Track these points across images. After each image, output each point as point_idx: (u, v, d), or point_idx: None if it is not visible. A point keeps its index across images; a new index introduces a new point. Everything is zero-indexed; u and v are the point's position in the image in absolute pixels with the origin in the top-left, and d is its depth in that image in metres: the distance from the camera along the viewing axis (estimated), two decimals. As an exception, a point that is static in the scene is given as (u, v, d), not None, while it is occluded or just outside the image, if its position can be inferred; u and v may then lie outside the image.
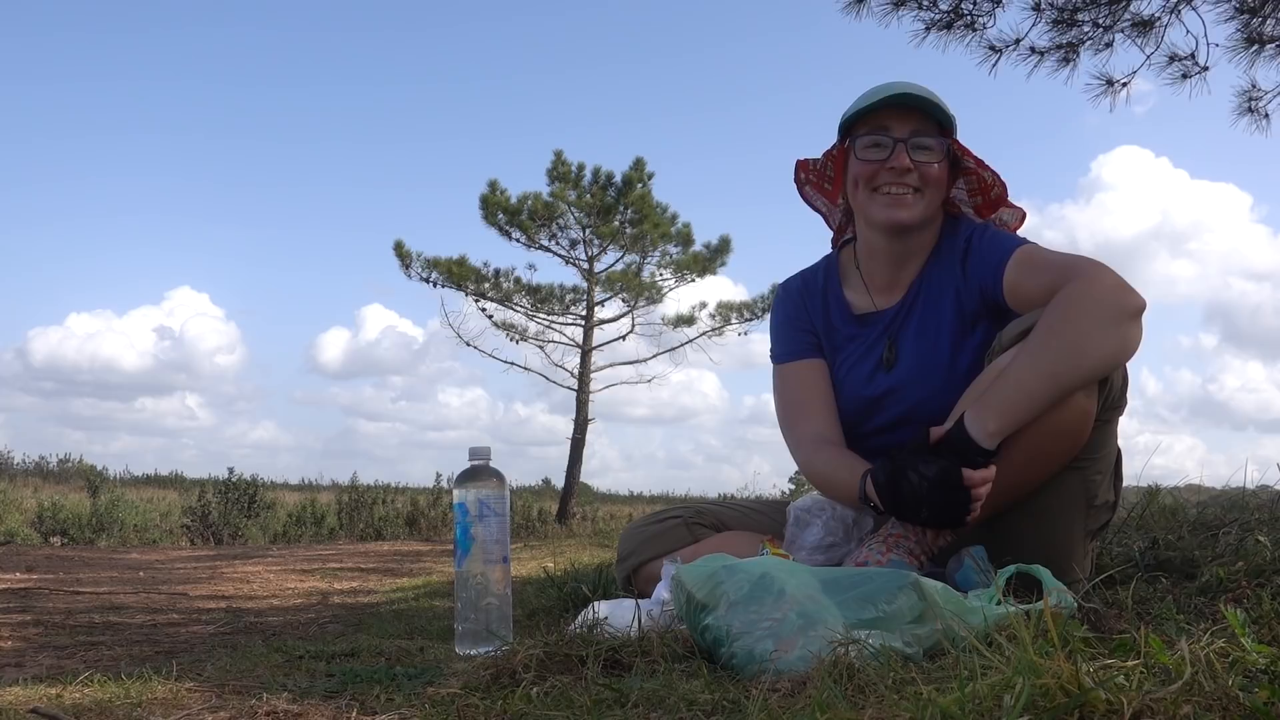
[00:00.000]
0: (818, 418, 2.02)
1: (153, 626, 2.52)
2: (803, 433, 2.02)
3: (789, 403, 2.08)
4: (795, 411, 2.06)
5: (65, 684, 1.49)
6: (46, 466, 22.73)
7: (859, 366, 2.03)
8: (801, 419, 2.04)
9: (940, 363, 1.95)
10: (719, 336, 15.35)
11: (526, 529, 11.88)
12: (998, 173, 1.98)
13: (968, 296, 1.94)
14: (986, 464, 1.66)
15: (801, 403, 2.06)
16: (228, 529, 11.26)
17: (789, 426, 2.06)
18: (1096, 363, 1.68)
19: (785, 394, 2.09)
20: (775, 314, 2.16)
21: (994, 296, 1.89)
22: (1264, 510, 2.74)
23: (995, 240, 1.94)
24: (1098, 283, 1.69)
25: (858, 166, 1.96)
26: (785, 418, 2.07)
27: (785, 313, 2.14)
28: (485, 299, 15.18)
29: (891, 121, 1.93)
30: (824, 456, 1.95)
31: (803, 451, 2.01)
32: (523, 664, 1.33)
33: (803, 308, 2.12)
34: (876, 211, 1.95)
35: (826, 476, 1.93)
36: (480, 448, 1.79)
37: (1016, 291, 1.85)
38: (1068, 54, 5.52)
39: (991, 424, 1.66)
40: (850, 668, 1.15)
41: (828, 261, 2.17)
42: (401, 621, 2.43)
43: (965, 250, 1.96)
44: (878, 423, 2.00)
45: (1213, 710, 0.86)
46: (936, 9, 5.50)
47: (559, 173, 15.14)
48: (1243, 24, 5.26)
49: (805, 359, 2.09)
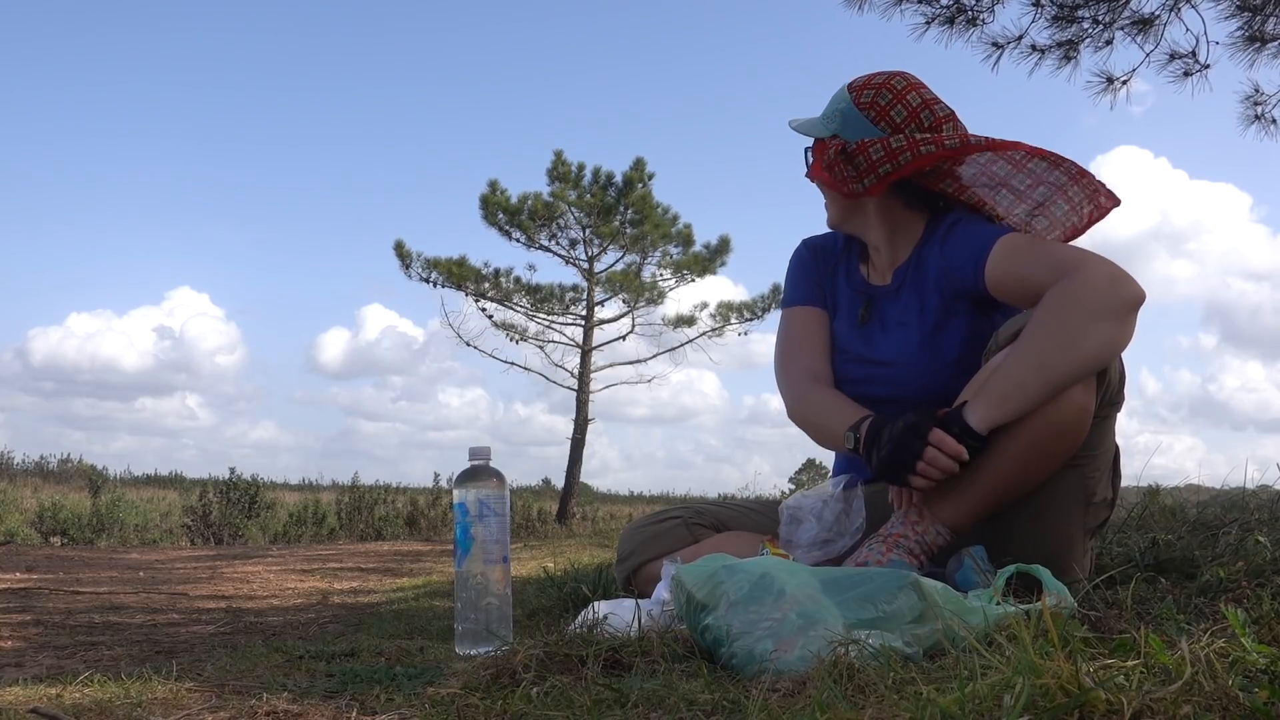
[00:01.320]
0: (811, 357, 2.08)
1: (153, 626, 2.52)
2: (795, 368, 2.08)
3: (787, 340, 2.14)
4: (792, 349, 2.12)
5: (65, 684, 1.49)
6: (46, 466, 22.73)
7: (851, 330, 2.09)
8: (795, 357, 2.10)
9: (920, 344, 1.98)
10: (719, 336, 15.36)
11: (526, 529, 11.89)
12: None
13: (946, 281, 1.96)
14: (972, 447, 1.67)
15: (800, 341, 2.11)
16: (228, 529, 11.27)
17: (783, 364, 2.11)
18: (1089, 355, 1.68)
19: (786, 333, 2.15)
20: (792, 263, 2.23)
21: (973, 285, 1.89)
22: (1264, 510, 2.75)
23: (974, 229, 1.93)
24: (1093, 275, 1.69)
25: None
26: (781, 355, 2.13)
27: (800, 262, 2.20)
28: (485, 299, 15.19)
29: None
30: (817, 396, 2.01)
31: (793, 386, 2.06)
32: (523, 664, 1.33)
33: (819, 263, 2.18)
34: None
35: (817, 416, 1.99)
36: (480, 448, 1.79)
37: (1004, 283, 1.84)
38: (1068, 52, 5.52)
39: (982, 411, 1.68)
40: (850, 668, 1.15)
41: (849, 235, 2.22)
42: (401, 621, 2.43)
43: (945, 236, 1.97)
44: (866, 395, 2.01)
45: (1213, 710, 0.86)
46: (937, 4, 5.49)
47: (559, 173, 15.14)
48: (1244, 22, 5.26)
49: (810, 305, 2.15)
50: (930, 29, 5.51)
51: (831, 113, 2.00)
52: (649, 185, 15.07)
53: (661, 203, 15.18)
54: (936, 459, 1.67)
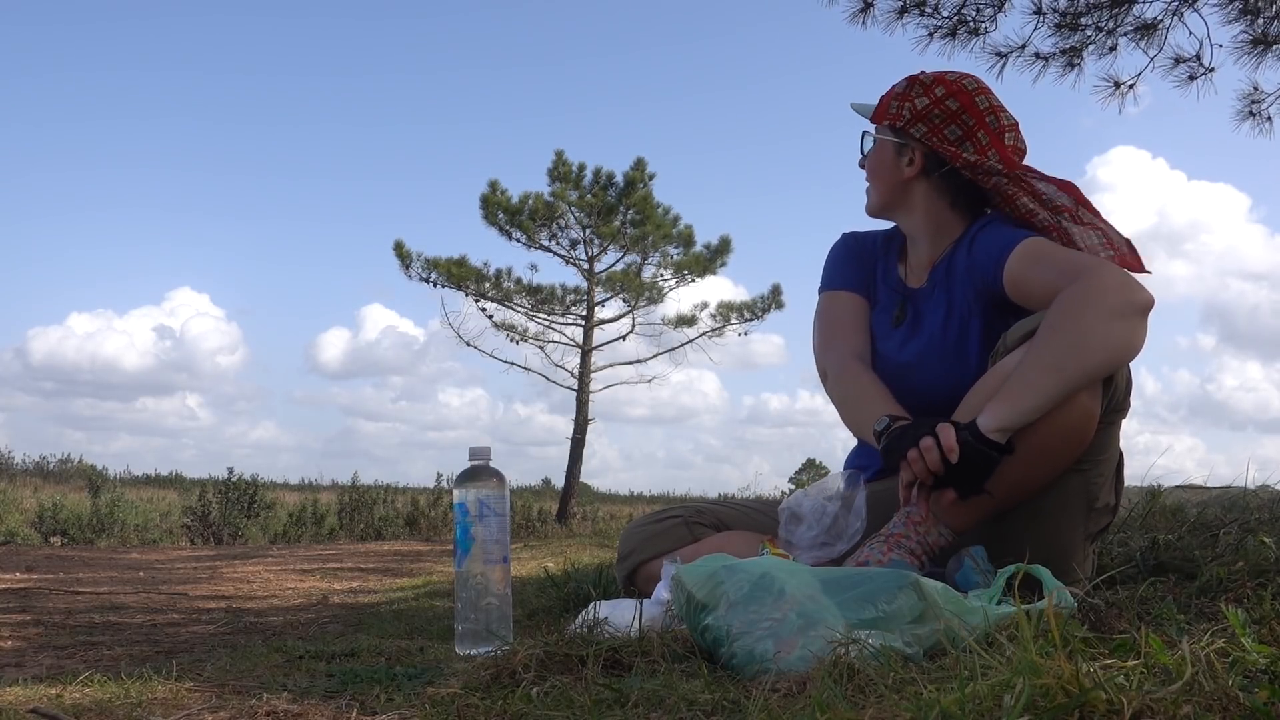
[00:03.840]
0: (857, 337, 2.09)
1: (153, 626, 2.52)
2: (844, 347, 2.07)
3: (833, 320, 2.13)
4: (838, 327, 2.11)
5: (65, 684, 1.49)
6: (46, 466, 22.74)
7: (887, 330, 2.09)
8: (844, 336, 2.09)
9: (948, 343, 1.98)
10: (719, 337, 15.39)
11: (526, 529, 11.88)
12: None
13: (971, 282, 1.97)
14: (1000, 458, 1.66)
15: (846, 322, 2.12)
16: (228, 529, 11.26)
17: (829, 339, 2.10)
18: (1101, 358, 1.68)
19: (831, 313, 2.15)
20: (835, 251, 2.23)
21: (994, 287, 1.90)
22: (1264, 510, 2.75)
23: (1000, 231, 1.94)
24: (1103, 279, 1.70)
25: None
26: (826, 332, 2.12)
27: (846, 250, 2.21)
28: (485, 299, 15.20)
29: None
30: (861, 378, 2.00)
31: (841, 363, 2.04)
32: (523, 664, 1.33)
33: (863, 254, 2.19)
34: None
35: (855, 394, 1.98)
36: (480, 448, 1.79)
37: (1019, 284, 1.85)
38: (1072, 59, 5.53)
39: (996, 416, 1.67)
40: (850, 668, 1.15)
41: (889, 233, 2.22)
42: (401, 621, 2.43)
43: (973, 238, 1.98)
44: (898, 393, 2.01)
45: (1213, 710, 0.86)
46: (939, 16, 5.51)
47: (560, 173, 15.14)
48: (1248, 25, 5.27)
49: (856, 292, 2.15)
50: (933, 41, 5.54)
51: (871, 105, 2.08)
52: (650, 185, 15.08)
53: (662, 203, 15.21)
54: (930, 449, 1.66)
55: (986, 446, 1.65)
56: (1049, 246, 1.87)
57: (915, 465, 1.68)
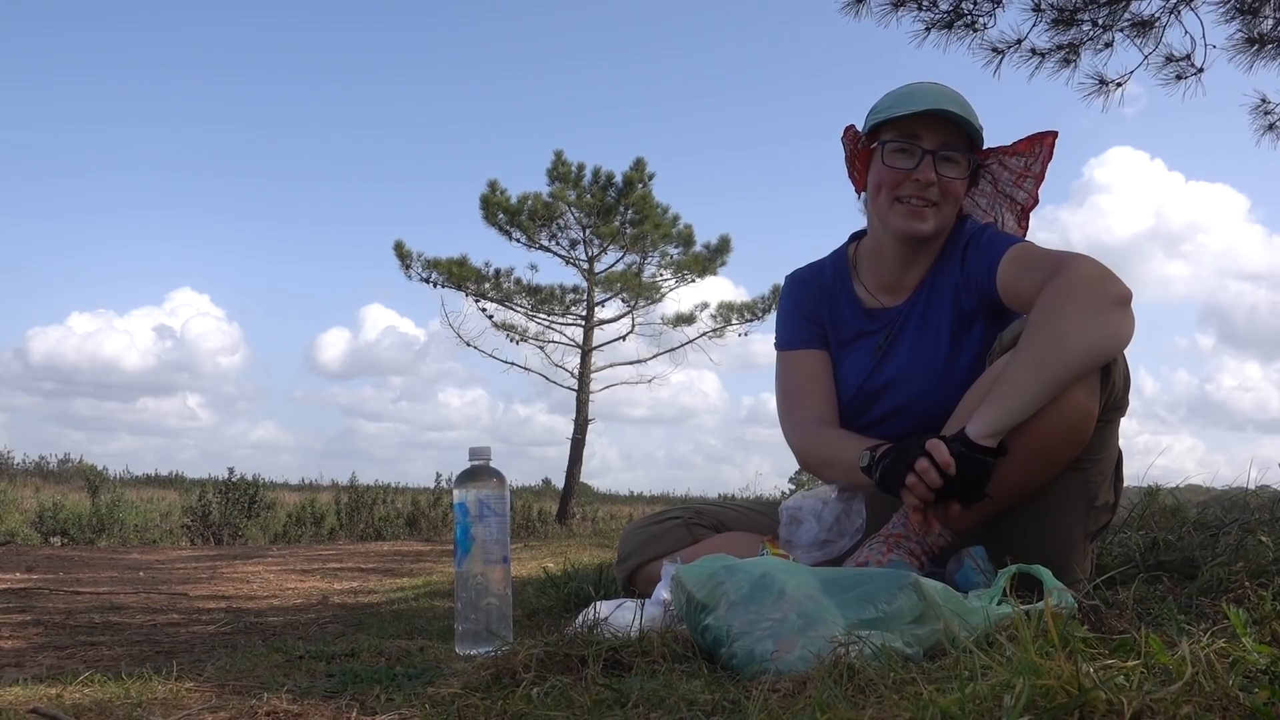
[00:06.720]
0: (817, 403, 2.06)
1: (153, 626, 2.52)
2: (801, 416, 2.06)
3: (789, 388, 2.11)
4: (795, 397, 2.09)
5: (65, 684, 1.49)
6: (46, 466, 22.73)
7: (864, 361, 2.05)
8: (801, 404, 2.07)
9: (938, 358, 1.97)
10: (719, 337, 15.35)
11: (526, 529, 11.88)
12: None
13: (965, 294, 1.96)
14: (995, 463, 1.65)
15: (802, 389, 2.09)
16: (228, 529, 11.25)
17: (788, 411, 2.09)
18: (1083, 351, 1.66)
19: (786, 380, 2.13)
20: (783, 302, 2.20)
21: (989, 294, 1.90)
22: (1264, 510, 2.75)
23: (992, 239, 1.95)
24: (1079, 273, 1.70)
25: (883, 172, 1.96)
26: (784, 403, 2.11)
27: (793, 301, 2.17)
28: (485, 299, 15.19)
29: (923, 130, 1.92)
30: (825, 437, 2.00)
31: (801, 433, 2.04)
32: (523, 664, 1.33)
33: (810, 298, 2.15)
34: (895, 220, 1.96)
35: (829, 454, 1.96)
36: (480, 448, 1.79)
37: (1010, 289, 1.86)
38: (1068, 55, 5.52)
39: (984, 421, 1.65)
40: (850, 668, 1.15)
41: (836, 256, 2.18)
42: (401, 621, 2.43)
43: (965, 248, 1.97)
44: (875, 414, 2.03)
45: (1213, 710, 0.86)
46: (936, 9, 5.49)
47: (559, 173, 15.14)
48: (1243, 24, 5.26)
49: (808, 348, 2.12)
50: (930, 35, 5.52)
51: (979, 129, 1.99)
52: (649, 185, 15.07)
53: (661, 203, 15.18)
54: (927, 470, 1.64)
55: (980, 454, 1.64)
56: (1033, 249, 1.88)
57: (917, 489, 1.66)
